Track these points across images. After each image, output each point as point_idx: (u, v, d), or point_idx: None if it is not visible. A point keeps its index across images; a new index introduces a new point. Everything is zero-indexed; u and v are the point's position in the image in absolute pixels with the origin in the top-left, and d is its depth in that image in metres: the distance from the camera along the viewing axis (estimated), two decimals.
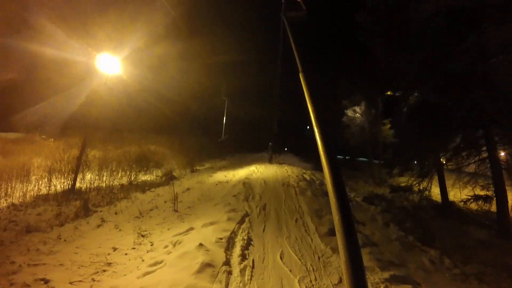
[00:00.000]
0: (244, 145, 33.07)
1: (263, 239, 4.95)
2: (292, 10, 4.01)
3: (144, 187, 11.34)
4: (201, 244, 3.94)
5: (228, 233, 4.76)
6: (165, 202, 8.79)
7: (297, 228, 5.71)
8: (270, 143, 30.49)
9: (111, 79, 14.98)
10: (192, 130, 25.93)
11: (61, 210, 7.76)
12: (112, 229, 6.55)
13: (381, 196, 12.53)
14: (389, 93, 18.86)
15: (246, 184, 10.01)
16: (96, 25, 15.11)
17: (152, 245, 4.93)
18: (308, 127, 41.95)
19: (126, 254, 4.73)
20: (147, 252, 4.67)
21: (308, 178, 12.22)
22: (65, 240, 5.74)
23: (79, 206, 8.32)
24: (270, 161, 23.94)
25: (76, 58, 13.87)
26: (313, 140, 1.70)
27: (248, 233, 5.11)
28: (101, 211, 8.09)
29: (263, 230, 5.46)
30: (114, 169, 12.23)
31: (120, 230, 6.40)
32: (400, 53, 10.90)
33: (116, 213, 7.89)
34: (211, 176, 13.51)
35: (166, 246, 4.57)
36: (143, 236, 5.58)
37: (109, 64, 12.42)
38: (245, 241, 4.67)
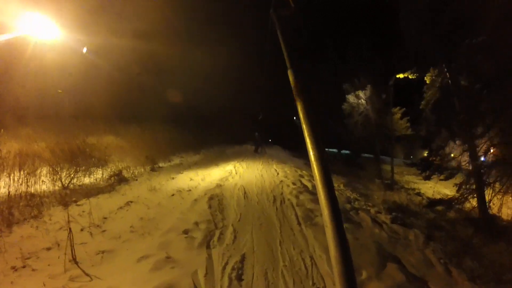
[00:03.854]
0: (224, 136, 30.32)
1: None
2: (281, 7, 3.83)
3: (75, 195, 8.46)
4: None
5: None
6: (81, 230, 5.87)
7: None
8: (256, 133, 28.18)
9: (44, 46, 11.91)
10: (169, 119, 22.87)
11: None
12: None
13: (406, 209, 10.17)
14: (402, 75, 16.35)
15: (216, 198, 6.96)
16: None
17: None
18: (295, 117, 40.24)
19: None
20: None
21: (309, 185, 9.21)
22: None
23: None
24: (256, 151, 23.14)
25: None
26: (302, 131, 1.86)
27: None
28: None
29: None
30: (32, 169, 9.15)
31: None
32: None
33: None
34: (173, 178, 10.53)
35: None
36: None
37: (40, 26, 9.75)
38: None
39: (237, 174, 10.97)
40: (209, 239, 4.70)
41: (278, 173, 11.35)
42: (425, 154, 11.69)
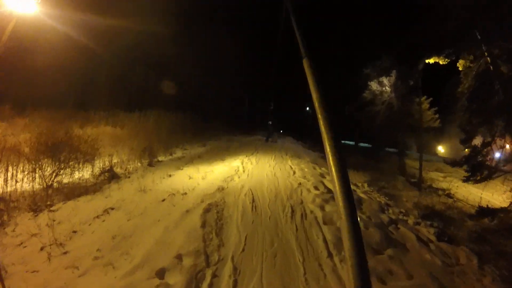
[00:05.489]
0: (234, 125, 29.29)
1: None
2: None
3: (54, 197, 7.34)
4: None
5: None
6: (41, 249, 4.69)
7: None
8: (269, 122, 27.44)
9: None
10: (177, 107, 21.79)
11: None
12: None
13: (443, 215, 8.94)
14: (432, 60, 14.71)
15: (214, 210, 5.49)
16: None
17: None
18: (308, 108, 39.37)
19: None
20: None
21: None
22: None
23: None
24: (267, 140, 23.41)
25: None
26: (315, 121, 1.86)
27: None
28: None
29: None
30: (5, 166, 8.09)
31: None
32: None
33: None
34: (170, 175, 9.27)
35: None
36: None
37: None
38: None
39: (244, 172, 9.49)
40: None
41: (294, 172, 9.83)
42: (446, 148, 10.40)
